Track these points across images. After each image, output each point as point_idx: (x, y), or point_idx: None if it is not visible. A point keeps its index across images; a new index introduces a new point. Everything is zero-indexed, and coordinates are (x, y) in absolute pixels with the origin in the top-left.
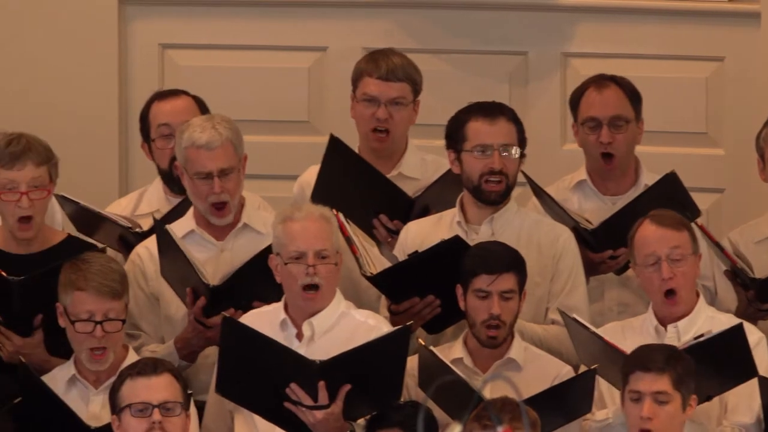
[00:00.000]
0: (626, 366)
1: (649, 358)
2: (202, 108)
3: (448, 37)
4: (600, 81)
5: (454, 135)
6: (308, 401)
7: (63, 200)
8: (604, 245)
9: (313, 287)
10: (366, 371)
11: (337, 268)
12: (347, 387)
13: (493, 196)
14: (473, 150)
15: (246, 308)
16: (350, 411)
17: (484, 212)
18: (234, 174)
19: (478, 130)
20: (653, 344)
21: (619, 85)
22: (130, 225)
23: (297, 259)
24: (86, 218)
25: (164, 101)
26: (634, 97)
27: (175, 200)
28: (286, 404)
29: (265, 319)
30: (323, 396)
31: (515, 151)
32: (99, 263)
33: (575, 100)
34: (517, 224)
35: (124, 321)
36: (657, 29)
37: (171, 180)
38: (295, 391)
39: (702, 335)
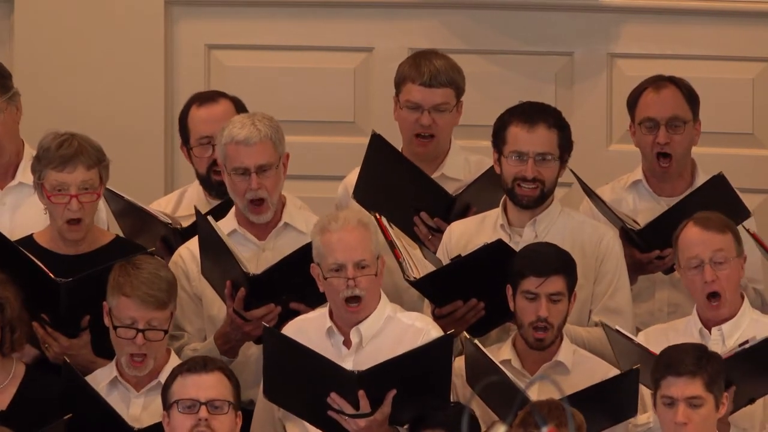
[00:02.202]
0: (657, 371)
1: (680, 361)
2: (241, 111)
3: (493, 37)
4: (658, 82)
5: (497, 136)
6: (349, 410)
7: (109, 194)
8: (651, 245)
9: (355, 299)
10: (409, 379)
11: (377, 277)
12: (393, 393)
13: (525, 200)
14: (510, 155)
15: (284, 306)
16: (396, 416)
17: (525, 215)
18: (272, 171)
19: (516, 135)
20: (682, 345)
21: (677, 86)
22: (170, 221)
23: (336, 272)
24: (131, 214)
25: (203, 107)
26: (691, 97)
27: (216, 203)
28: (330, 413)
29: (311, 327)
30: (364, 404)
31: (552, 159)
32: (148, 270)
33: (633, 101)
34: (561, 226)
35: (166, 331)
36: (703, 30)
37: (209, 185)
38: (335, 400)
39: (747, 342)
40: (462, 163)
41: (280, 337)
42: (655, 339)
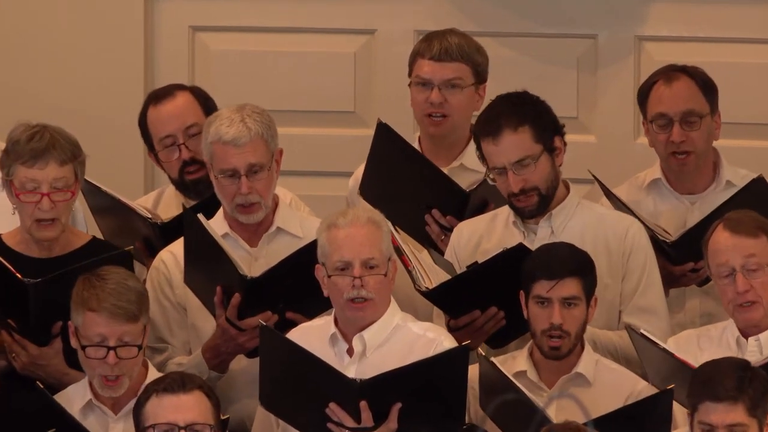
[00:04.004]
0: (694, 394)
1: (720, 385)
2: (203, 101)
3: (510, 18)
4: (669, 73)
5: (481, 154)
6: (350, 422)
7: (87, 186)
8: (685, 257)
9: (361, 298)
10: (419, 392)
11: (387, 278)
12: (398, 406)
13: (526, 212)
14: (492, 171)
15: (281, 316)
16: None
17: None
18: (264, 173)
19: (489, 152)
20: (721, 363)
21: (691, 76)
22: (150, 216)
23: (342, 270)
24: (109, 209)
25: (159, 105)
26: (707, 88)
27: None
28: (329, 425)
29: (313, 335)
30: (366, 417)
31: (531, 161)
32: (115, 281)
33: (643, 96)
34: (580, 220)
35: (140, 347)
36: (739, 11)
37: (185, 188)
38: (335, 411)
39: None
40: None
41: (277, 337)
42: (686, 346)
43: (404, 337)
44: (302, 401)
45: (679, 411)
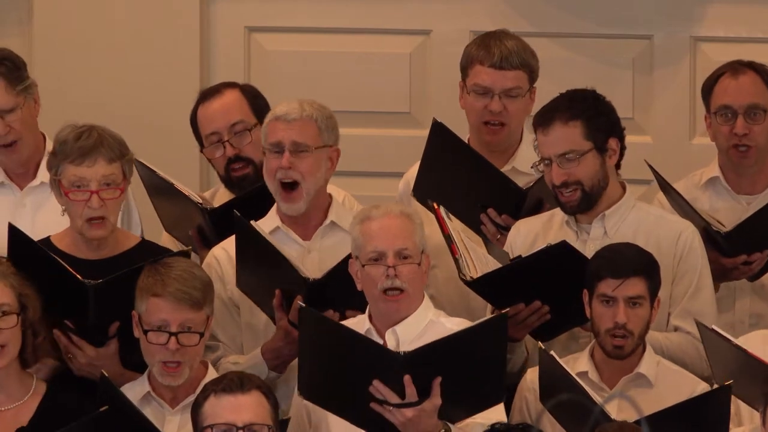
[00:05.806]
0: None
1: None
2: (252, 99)
3: (564, 18)
4: (736, 67)
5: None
6: (394, 399)
7: (144, 170)
8: (738, 249)
9: (396, 289)
10: (459, 364)
11: (421, 269)
12: (439, 379)
13: (567, 207)
14: (541, 163)
15: (342, 313)
16: (446, 410)
17: (593, 210)
18: (309, 155)
19: (539, 142)
20: None
21: (758, 72)
22: (201, 201)
23: (376, 261)
24: (164, 193)
25: (207, 103)
26: None
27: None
28: (372, 405)
29: None
30: (411, 392)
31: (575, 156)
32: (181, 268)
33: (708, 88)
34: (633, 221)
35: (202, 334)
36: None
37: (232, 185)
38: (378, 388)
39: None
40: (535, 155)
41: (317, 317)
42: (755, 347)
43: (438, 332)
44: (343, 383)
45: (745, 408)
